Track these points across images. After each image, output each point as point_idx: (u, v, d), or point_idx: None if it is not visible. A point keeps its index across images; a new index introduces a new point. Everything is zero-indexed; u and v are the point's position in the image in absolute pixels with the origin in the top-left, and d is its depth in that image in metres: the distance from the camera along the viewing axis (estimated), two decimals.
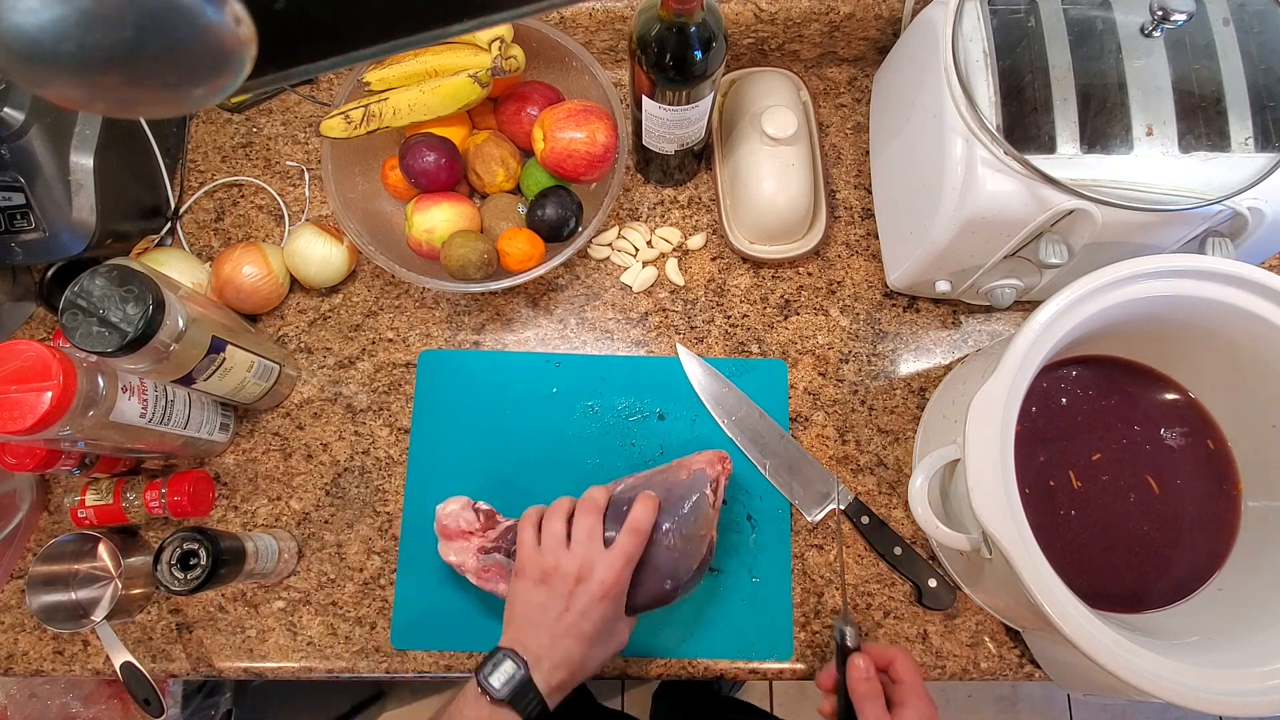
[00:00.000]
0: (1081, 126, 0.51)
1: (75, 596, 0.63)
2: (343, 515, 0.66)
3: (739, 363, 0.68)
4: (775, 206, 0.65)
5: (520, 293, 0.71)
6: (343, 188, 0.65)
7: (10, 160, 0.60)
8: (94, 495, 0.63)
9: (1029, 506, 0.46)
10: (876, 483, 0.66)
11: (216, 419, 0.64)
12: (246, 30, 0.17)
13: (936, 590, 0.61)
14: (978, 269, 0.60)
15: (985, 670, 0.61)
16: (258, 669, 0.63)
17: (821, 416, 0.67)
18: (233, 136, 0.76)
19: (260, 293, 0.67)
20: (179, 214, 0.74)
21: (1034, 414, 0.59)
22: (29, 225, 0.61)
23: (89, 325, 0.49)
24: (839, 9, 0.69)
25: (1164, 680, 0.43)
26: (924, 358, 0.69)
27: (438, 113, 0.64)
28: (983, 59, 0.53)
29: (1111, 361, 0.60)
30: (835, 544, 0.64)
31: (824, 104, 0.76)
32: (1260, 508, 0.56)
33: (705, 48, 0.54)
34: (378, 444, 0.67)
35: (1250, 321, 0.50)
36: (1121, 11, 0.52)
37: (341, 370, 0.69)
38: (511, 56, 0.63)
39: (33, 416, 0.48)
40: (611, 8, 0.71)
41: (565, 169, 0.63)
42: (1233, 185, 0.50)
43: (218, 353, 0.57)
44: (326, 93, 0.77)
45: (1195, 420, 0.59)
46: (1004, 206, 0.52)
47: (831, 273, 0.71)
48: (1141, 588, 0.56)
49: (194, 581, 0.53)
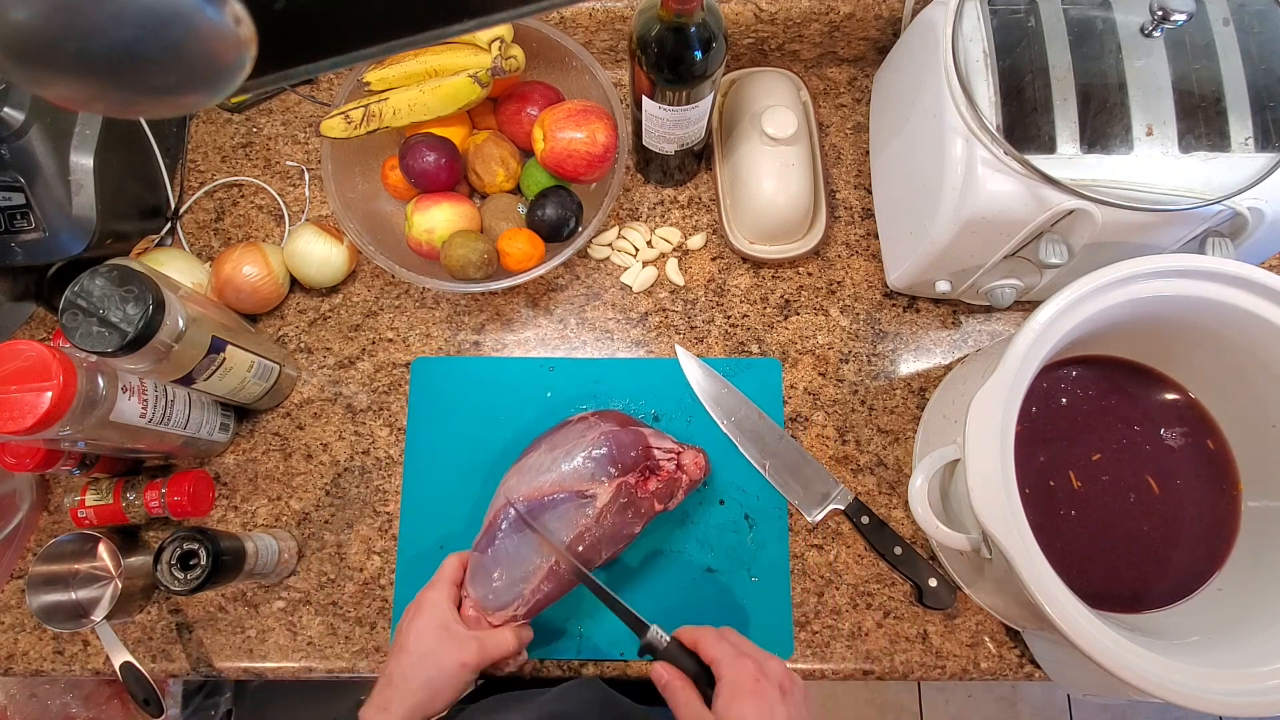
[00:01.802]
0: (1081, 126, 0.51)
1: (75, 596, 0.63)
2: (343, 515, 0.66)
3: (734, 362, 0.68)
4: (775, 206, 0.65)
5: (520, 293, 0.71)
6: (343, 188, 0.65)
7: (10, 160, 0.60)
8: (94, 495, 0.63)
9: (1029, 506, 0.46)
10: (876, 483, 0.66)
11: (216, 419, 0.64)
12: (246, 30, 0.17)
13: (937, 590, 0.61)
14: (978, 269, 0.60)
15: (985, 670, 0.61)
16: (258, 669, 0.63)
17: (821, 416, 0.67)
18: (233, 136, 0.76)
19: (260, 293, 0.67)
20: (179, 214, 0.74)
21: (1034, 414, 0.59)
22: (29, 225, 0.61)
23: (89, 325, 0.49)
24: (839, 9, 0.69)
25: (1164, 680, 0.43)
26: (924, 358, 0.69)
27: (438, 113, 0.64)
28: (983, 59, 0.53)
29: (1111, 361, 0.60)
30: (834, 544, 0.64)
31: (824, 104, 0.76)
32: (1260, 508, 0.56)
33: (705, 48, 0.54)
34: (378, 444, 0.67)
35: (1250, 321, 0.50)
36: (1121, 11, 0.52)
37: (341, 370, 0.69)
38: (511, 56, 0.63)
39: (33, 416, 0.48)
40: (611, 8, 0.71)
41: (565, 169, 0.63)
42: (1233, 185, 0.50)
43: (218, 353, 0.57)
44: (326, 93, 0.77)
45: (1195, 420, 0.59)
46: (1004, 206, 0.52)
47: (831, 273, 0.71)
48: (1141, 588, 0.56)
49: (194, 581, 0.53)
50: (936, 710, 1.42)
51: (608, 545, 0.56)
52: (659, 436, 0.60)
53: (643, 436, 0.58)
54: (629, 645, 0.61)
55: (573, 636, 0.62)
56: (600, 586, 0.52)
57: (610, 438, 0.57)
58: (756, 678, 0.45)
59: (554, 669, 0.62)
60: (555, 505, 0.55)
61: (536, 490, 0.56)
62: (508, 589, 0.54)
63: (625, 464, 0.56)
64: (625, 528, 0.56)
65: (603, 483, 0.56)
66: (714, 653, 0.47)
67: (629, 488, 0.56)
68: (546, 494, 0.56)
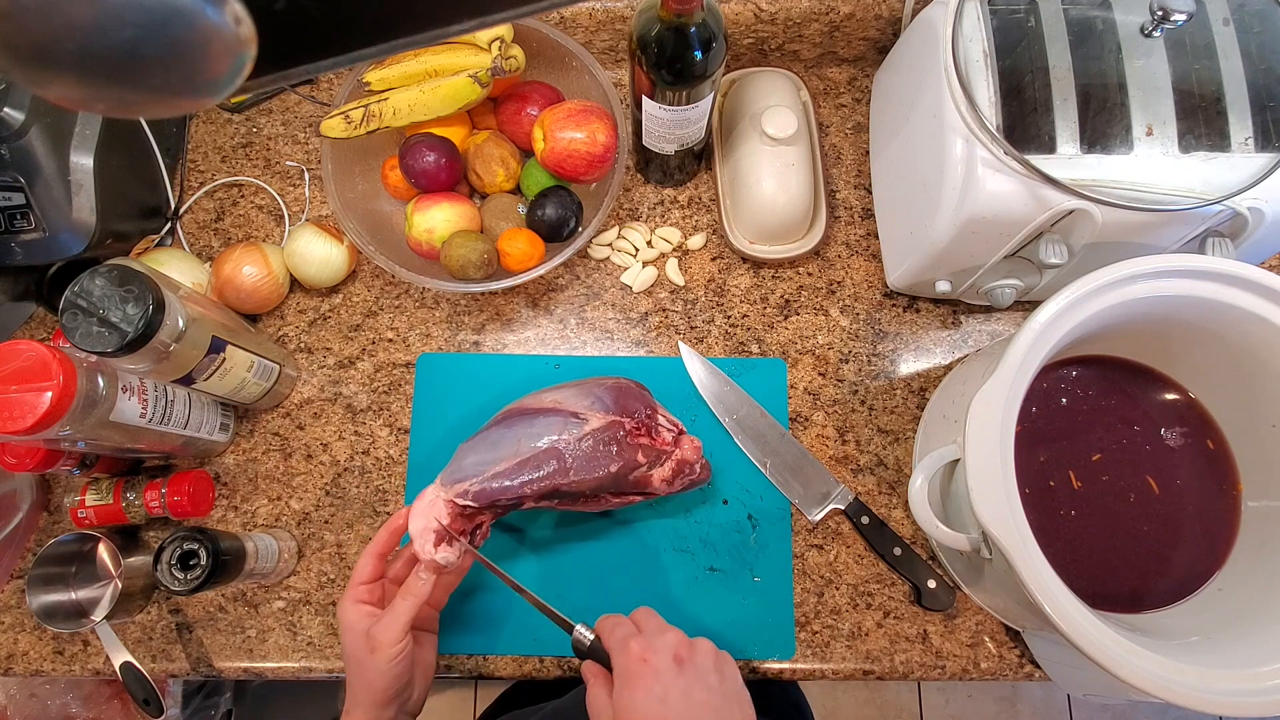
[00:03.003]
0: (1081, 126, 0.51)
1: (75, 596, 0.63)
2: (343, 515, 0.66)
3: (739, 362, 0.68)
4: (775, 206, 0.65)
5: (520, 293, 0.71)
6: (343, 188, 0.65)
7: (10, 160, 0.60)
8: (94, 495, 0.63)
9: (1029, 506, 0.46)
10: (876, 483, 0.66)
11: (216, 419, 0.64)
12: (246, 30, 0.17)
13: (936, 591, 0.61)
14: (978, 269, 0.60)
15: (985, 670, 0.61)
16: (258, 669, 0.63)
17: (821, 416, 0.67)
18: (233, 136, 0.76)
19: (260, 293, 0.67)
20: (179, 214, 0.74)
21: (1034, 414, 0.59)
22: (29, 225, 0.61)
23: (89, 325, 0.49)
24: (839, 9, 0.69)
25: (1164, 680, 0.43)
26: (924, 358, 0.69)
27: (438, 113, 0.64)
28: (983, 59, 0.53)
29: (1111, 361, 0.60)
30: (834, 544, 0.64)
31: (824, 104, 0.76)
32: (1260, 508, 0.56)
33: (705, 48, 0.54)
34: (378, 444, 0.67)
35: (1250, 321, 0.50)
36: (1121, 11, 0.52)
37: (341, 370, 0.69)
38: (511, 56, 0.63)
39: (33, 416, 0.48)
40: (611, 8, 0.71)
41: (565, 169, 0.63)
42: (1233, 185, 0.50)
43: (218, 353, 0.57)
44: (326, 93, 0.77)
45: (1195, 420, 0.59)
46: (1004, 206, 0.52)
47: (831, 273, 0.71)
48: (1141, 588, 0.56)
49: (194, 581, 0.53)
50: (936, 710, 1.42)
51: (579, 469, 0.55)
52: (668, 414, 0.60)
53: (653, 403, 0.60)
54: None
55: None
56: (522, 588, 0.50)
57: (622, 386, 0.59)
58: (643, 658, 0.42)
59: (552, 667, 0.62)
60: (547, 415, 0.57)
61: (538, 402, 0.58)
62: (473, 465, 0.55)
63: (626, 410, 0.57)
64: (603, 462, 0.55)
65: (599, 414, 0.57)
66: (608, 642, 0.45)
67: (620, 428, 0.57)
68: (545, 406, 0.58)
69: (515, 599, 0.62)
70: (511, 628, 0.62)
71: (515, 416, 0.58)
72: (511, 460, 0.54)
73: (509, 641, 0.62)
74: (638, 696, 0.41)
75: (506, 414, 0.59)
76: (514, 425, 0.57)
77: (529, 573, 0.63)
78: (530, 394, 0.61)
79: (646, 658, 0.42)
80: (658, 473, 0.57)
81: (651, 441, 0.58)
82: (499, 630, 0.62)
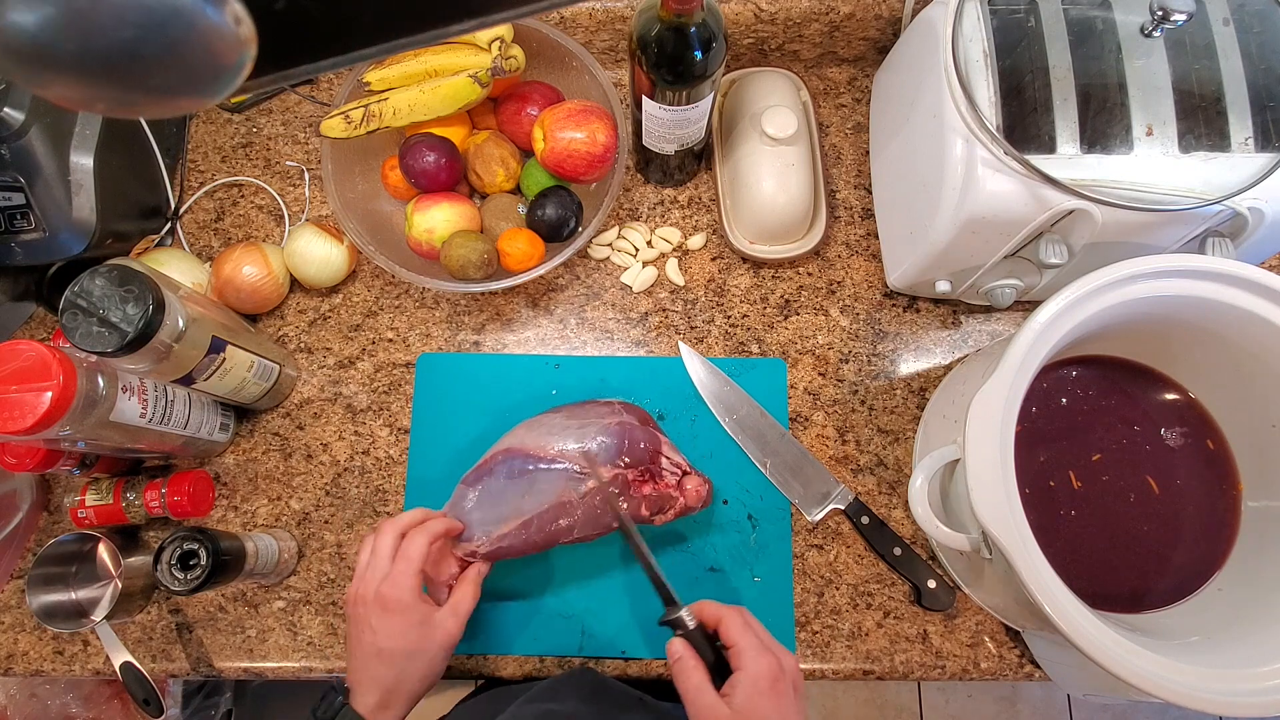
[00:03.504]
0: (1081, 126, 0.51)
1: (75, 596, 0.63)
2: (343, 515, 0.66)
3: (739, 362, 0.68)
4: (775, 206, 0.65)
5: (520, 293, 0.71)
6: (343, 188, 0.65)
7: (10, 160, 0.60)
8: (94, 495, 0.63)
9: (1029, 506, 0.46)
10: (876, 483, 0.66)
11: (216, 419, 0.64)
12: (246, 30, 0.17)
13: (936, 591, 0.61)
14: (978, 269, 0.60)
15: (985, 670, 0.61)
16: (258, 669, 0.63)
17: (821, 416, 0.67)
18: (233, 136, 0.76)
19: (260, 293, 0.67)
20: (179, 214, 0.74)
21: (1034, 414, 0.59)
22: (29, 225, 0.61)
23: (89, 325, 0.49)
24: (839, 9, 0.69)
25: (1164, 680, 0.43)
26: (924, 358, 0.69)
27: (438, 113, 0.64)
28: (983, 59, 0.53)
29: (1111, 361, 0.60)
30: (834, 544, 0.64)
31: (824, 104, 0.76)
32: (1260, 508, 0.56)
33: (705, 48, 0.54)
34: (378, 444, 0.67)
35: (1250, 321, 0.50)
36: (1121, 11, 0.52)
37: (341, 370, 0.69)
38: (511, 56, 0.63)
39: (33, 416, 0.48)
40: (611, 8, 0.71)
41: (565, 169, 0.63)
42: (1233, 185, 0.50)
43: (218, 353, 0.57)
44: (326, 93, 0.77)
45: (1195, 420, 0.59)
46: (1004, 206, 0.52)
47: (831, 273, 0.71)
48: (1141, 588, 0.56)
49: (194, 581, 0.53)
50: (936, 710, 1.42)
51: (581, 526, 0.55)
52: (673, 450, 0.59)
53: (658, 442, 0.59)
54: (630, 643, 0.61)
55: (574, 634, 0.62)
56: (642, 550, 0.50)
57: (627, 430, 0.58)
58: (777, 676, 0.44)
59: (553, 667, 0.62)
60: (551, 467, 0.56)
61: (541, 448, 0.57)
62: (479, 525, 0.55)
63: (631, 458, 0.57)
64: (606, 518, 0.56)
65: (604, 467, 0.56)
66: (739, 640, 0.46)
67: (624, 482, 0.56)
68: (548, 455, 0.57)
69: (515, 599, 0.62)
70: (512, 628, 0.62)
71: (518, 459, 0.57)
72: (515, 521, 0.55)
73: (509, 641, 0.62)
74: (768, 710, 0.43)
75: (508, 454, 0.58)
76: (516, 479, 0.56)
77: (529, 572, 0.63)
78: (532, 421, 0.60)
79: (779, 676, 0.44)
80: (660, 517, 0.58)
81: (655, 488, 0.57)
82: (500, 630, 0.62)
